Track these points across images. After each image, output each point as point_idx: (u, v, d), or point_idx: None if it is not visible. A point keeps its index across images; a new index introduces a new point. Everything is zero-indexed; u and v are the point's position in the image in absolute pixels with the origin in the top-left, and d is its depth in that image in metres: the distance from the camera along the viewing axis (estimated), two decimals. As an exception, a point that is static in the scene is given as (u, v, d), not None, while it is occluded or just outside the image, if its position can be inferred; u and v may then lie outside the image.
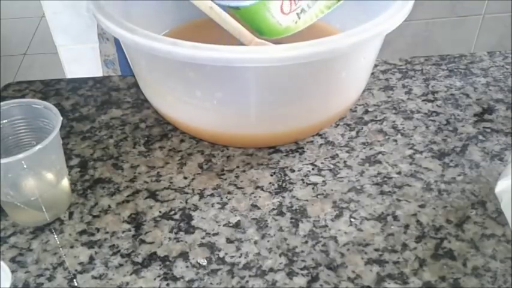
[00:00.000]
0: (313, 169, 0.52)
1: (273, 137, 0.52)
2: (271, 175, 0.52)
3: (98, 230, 0.47)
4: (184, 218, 0.48)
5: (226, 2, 0.46)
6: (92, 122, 0.59)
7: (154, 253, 0.45)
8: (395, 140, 0.55)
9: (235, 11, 0.49)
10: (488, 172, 0.51)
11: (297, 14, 0.45)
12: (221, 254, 0.44)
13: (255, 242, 0.45)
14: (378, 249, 0.44)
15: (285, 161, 0.53)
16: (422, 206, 0.48)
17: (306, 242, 0.45)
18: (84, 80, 0.66)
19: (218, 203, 0.49)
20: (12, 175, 0.44)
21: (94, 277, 0.43)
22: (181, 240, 0.46)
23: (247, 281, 0.42)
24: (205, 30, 0.54)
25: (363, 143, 0.55)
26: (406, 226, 0.46)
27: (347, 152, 0.54)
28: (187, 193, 0.50)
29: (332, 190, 0.50)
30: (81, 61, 1.24)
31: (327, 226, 0.46)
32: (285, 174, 0.52)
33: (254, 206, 0.49)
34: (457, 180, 0.51)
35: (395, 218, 0.47)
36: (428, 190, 0.50)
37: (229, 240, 0.46)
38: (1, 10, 2.25)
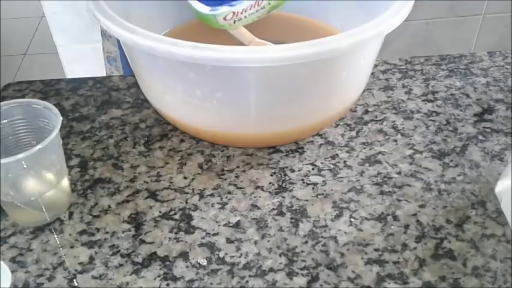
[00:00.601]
0: (313, 169, 0.52)
1: (273, 137, 0.52)
2: (271, 175, 0.52)
3: (98, 230, 0.47)
4: (184, 218, 0.48)
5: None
6: (92, 122, 0.59)
7: (154, 253, 0.45)
8: (395, 140, 0.55)
9: (188, 4, 0.52)
10: (488, 172, 0.51)
11: (234, 21, 0.51)
12: (221, 254, 0.44)
13: (255, 242, 0.45)
14: (378, 249, 0.44)
15: (285, 161, 0.53)
16: (422, 206, 0.48)
17: (306, 242, 0.45)
18: (84, 80, 0.66)
19: (218, 203, 0.49)
20: (12, 175, 0.44)
21: (94, 277, 0.43)
22: (181, 240, 0.46)
23: (247, 281, 0.42)
24: (205, 30, 0.54)
25: (363, 143, 0.55)
26: (406, 226, 0.46)
27: (347, 152, 0.54)
28: (187, 193, 0.50)
29: (332, 190, 0.50)
30: (81, 61, 1.24)
31: (327, 226, 0.47)
32: (285, 174, 0.52)
33: (254, 206, 0.49)
34: (457, 180, 0.51)
35: (395, 218, 0.47)
36: (428, 190, 0.50)
37: (229, 240, 0.46)
38: (1, 10, 2.25)
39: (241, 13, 0.50)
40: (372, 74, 0.64)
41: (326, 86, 0.49)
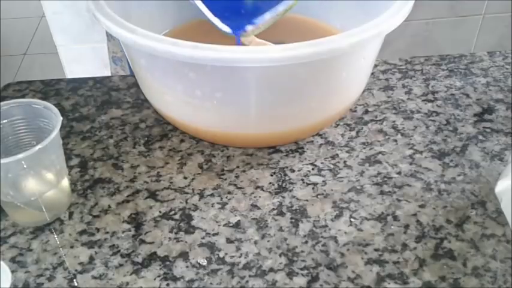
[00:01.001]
0: (313, 169, 0.52)
1: (273, 137, 0.52)
2: (271, 175, 0.52)
3: (98, 230, 0.47)
4: (184, 218, 0.48)
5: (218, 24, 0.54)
6: (92, 122, 0.59)
7: (154, 253, 0.45)
8: (395, 140, 0.55)
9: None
10: (488, 172, 0.51)
11: (252, 30, 0.54)
12: (221, 254, 0.44)
13: (255, 242, 0.45)
14: (378, 249, 0.44)
15: (285, 161, 0.53)
16: (422, 206, 0.48)
17: (306, 242, 0.45)
18: (84, 80, 0.66)
19: (218, 203, 0.49)
20: (12, 175, 0.44)
21: (94, 277, 0.43)
22: (181, 240, 0.46)
23: (247, 281, 0.42)
24: (205, 30, 0.54)
25: (363, 143, 0.55)
26: (406, 226, 0.46)
27: (347, 152, 0.54)
28: (187, 193, 0.50)
29: (332, 190, 0.50)
30: (81, 61, 1.24)
31: (327, 226, 0.47)
32: (285, 174, 0.52)
33: (254, 206, 0.49)
34: (457, 180, 0.51)
35: (395, 218, 0.47)
36: (428, 190, 0.50)
37: (229, 240, 0.46)
38: (1, 10, 2.25)
39: (261, 24, 0.53)
40: (372, 74, 0.64)
41: (326, 86, 0.49)
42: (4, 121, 0.47)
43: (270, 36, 0.56)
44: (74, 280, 0.43)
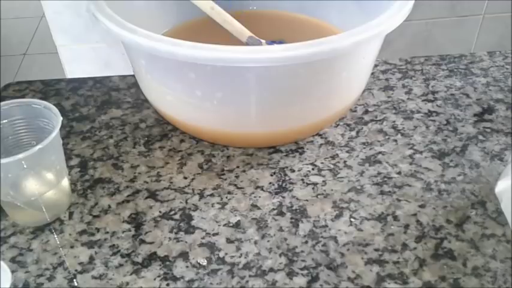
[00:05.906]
0: (313, 169, 0.52)
1: (273, 137, 0.52)
2: (271, 175, 0.52)
3: (98, 230, 0.47)
4: (184, 218, 0.48)
5: None
6: (92, 122, 0.59)
7: (154, 253, 0.45)
8: (395, 140, 0.55)
9: None
10: (488, 172, 0.51)
11: None
12: (221, 254, 0.44)
13: (255, 242, 0.45)
14: (378, 249, 0.44)
15: (285, 161, 0.53)
16: (422, 206, 0.48)
17: (306, 242, 0.45)
18: (84, 80, 0.66)
19: (218, 203, 0.49)
20: (12, 175, 0.44)
21: (94, 277, 0.43)
22: (181, 240, 0.46)
23: (247, 281, 0.42)
24: (205, 30, 0.54)
25: (363, 143, 0.55)
26: (406, 226, 0.46)
27: (347, 152, 0.54)
28: (187, 193, 0.50)
29: (332, 190, 0.50)
30: (81, 61, 1.24)
31: (327, 226, 0.47)
32: (285, 174, 0.52)
33: (254, 206, 0.49)
34: (457, 180, 0.51)
35: (395, 218, 0.47)
36: (428, 190, 0.50)
37: (229, 240, 0.46)
38: (1, 10, 2.25)
39: None
40: (372, 74, 0.64)
41: (326, 86, 0.49)
42: (4, 121, 0.47)
43: (270, 35, 0.56)
44: (74, 280, 0.43)
